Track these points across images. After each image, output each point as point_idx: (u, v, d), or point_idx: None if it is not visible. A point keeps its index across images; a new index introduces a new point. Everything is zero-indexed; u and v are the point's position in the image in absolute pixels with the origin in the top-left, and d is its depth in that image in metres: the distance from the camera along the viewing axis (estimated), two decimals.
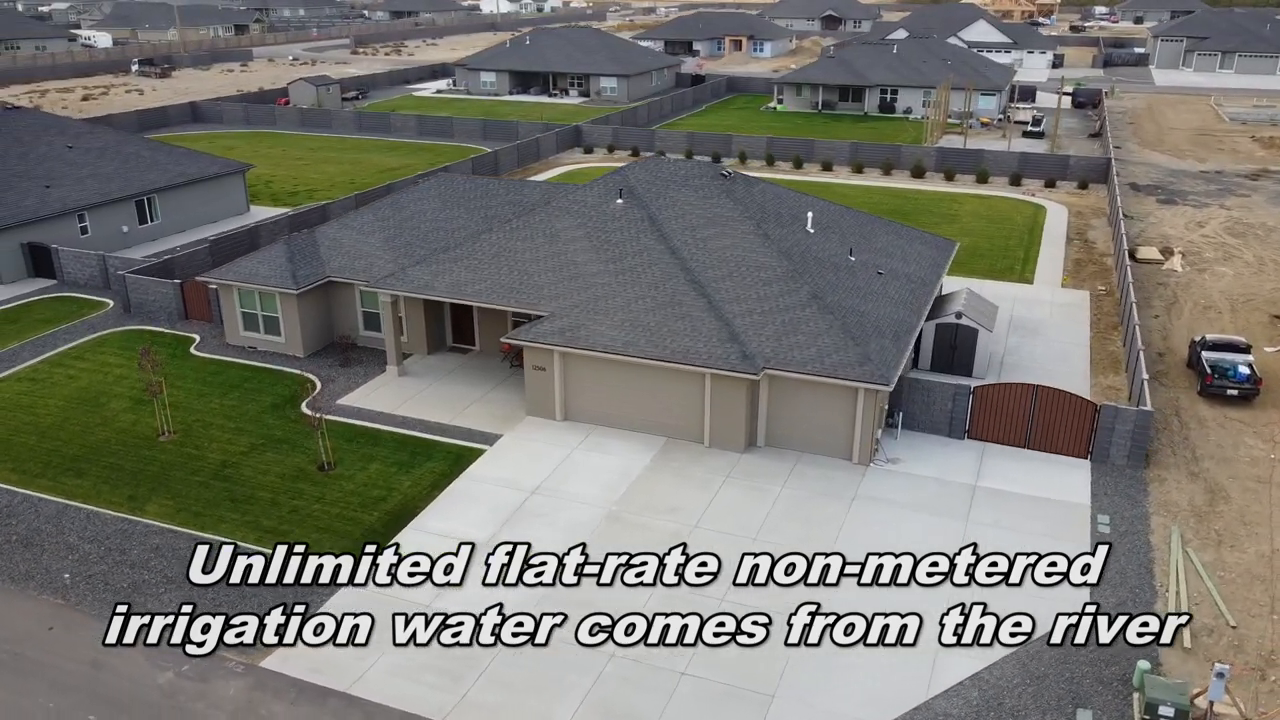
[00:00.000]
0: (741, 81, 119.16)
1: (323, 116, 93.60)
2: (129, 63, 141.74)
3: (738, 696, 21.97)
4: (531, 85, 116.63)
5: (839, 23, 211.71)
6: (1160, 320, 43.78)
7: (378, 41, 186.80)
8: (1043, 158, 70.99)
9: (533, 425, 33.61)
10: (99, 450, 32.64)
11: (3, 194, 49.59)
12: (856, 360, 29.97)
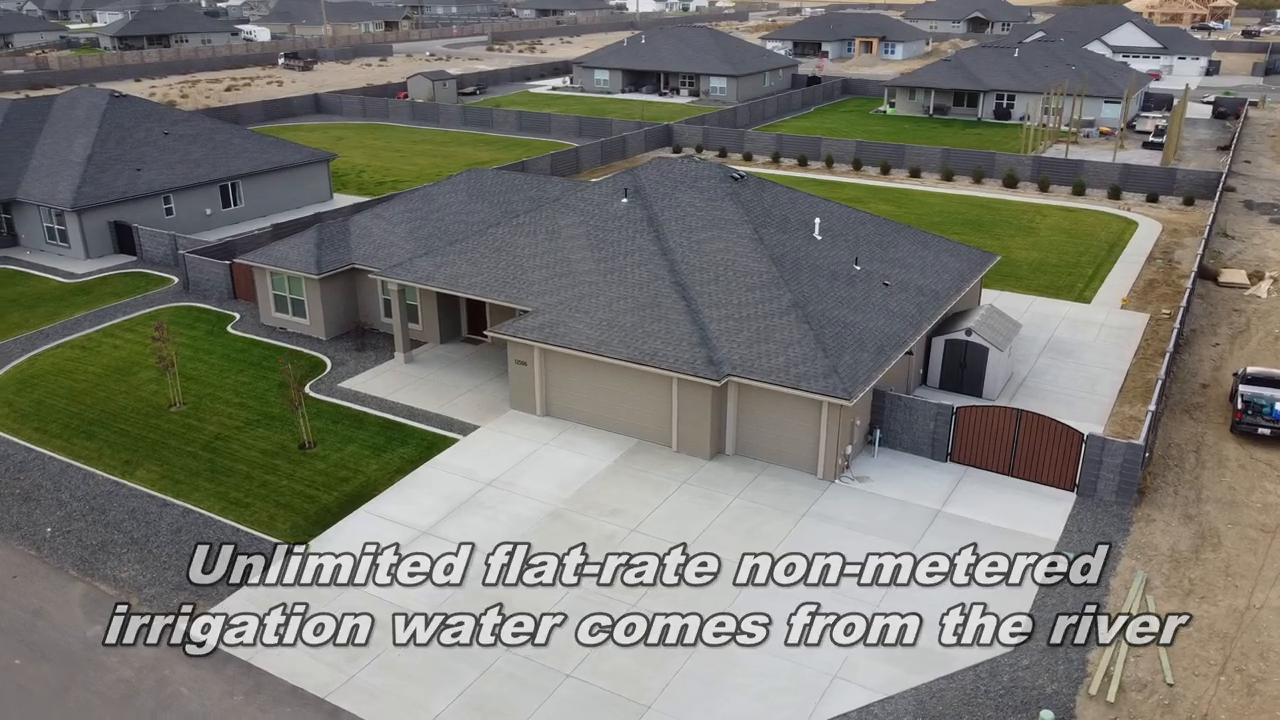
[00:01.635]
0: (858, 84, 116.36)
1: (431, 110, 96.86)
2: (277, 56, 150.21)
3: (613, 704, 21.68)
4: (643, 84, 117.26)
5: (986, 25, 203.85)
6: (1219, 349, 40.41)
7: (514, 39, 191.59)
8: (1146, 170, 66.48)
9: (512, 419, 33.97)
10: (115, 416, 34.93)
11: (98, 175, 53.54)
12: (822, 372, 28.98)
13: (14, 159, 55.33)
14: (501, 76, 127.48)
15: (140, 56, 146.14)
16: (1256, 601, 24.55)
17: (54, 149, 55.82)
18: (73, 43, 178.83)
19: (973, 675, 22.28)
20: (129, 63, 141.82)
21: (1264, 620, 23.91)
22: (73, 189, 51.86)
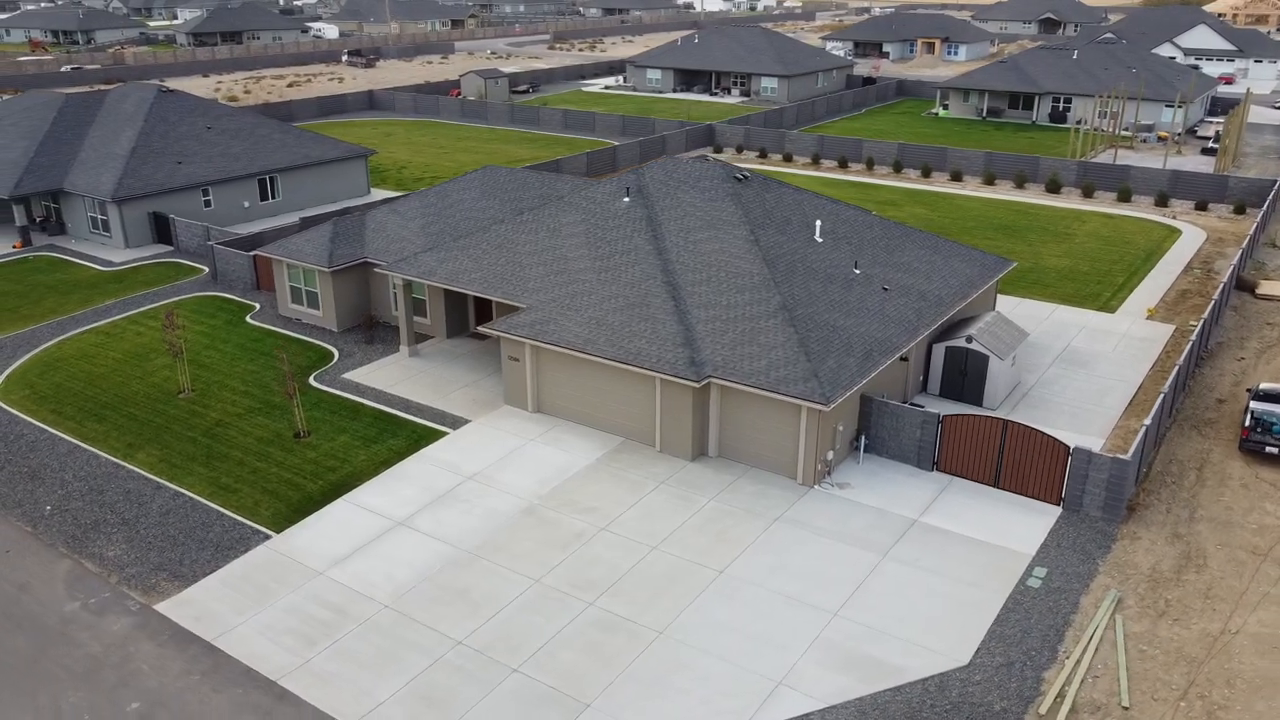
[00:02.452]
0: (913, 85, 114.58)
1: (480, 108, 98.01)
2: (341, 53, 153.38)
3: (554, 701, 21.77)
4: (695, 83, 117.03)
5: (1058, 26, 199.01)
6: (1243, 364, 38.92)
7: (576, 37, 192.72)
8: (1197, 177, 64.25)
9: (503, 414, 34.28)
10: (126, 400, 36.12)
11: (139, 167, 55.37)
12: (802, 376, 28.68)
13: (64, 151, 57.49)
14: (556, 75, 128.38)
15: (211, 53, 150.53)
16: (1233, 626, 23.62)
17: (101, 142, 57.87)
18: (151, 39, 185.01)
19: (921, 689, 21.87)
20: (200, 59, 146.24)
21: (1236, 646, 23.01)
22: (114, 180, 53.72)
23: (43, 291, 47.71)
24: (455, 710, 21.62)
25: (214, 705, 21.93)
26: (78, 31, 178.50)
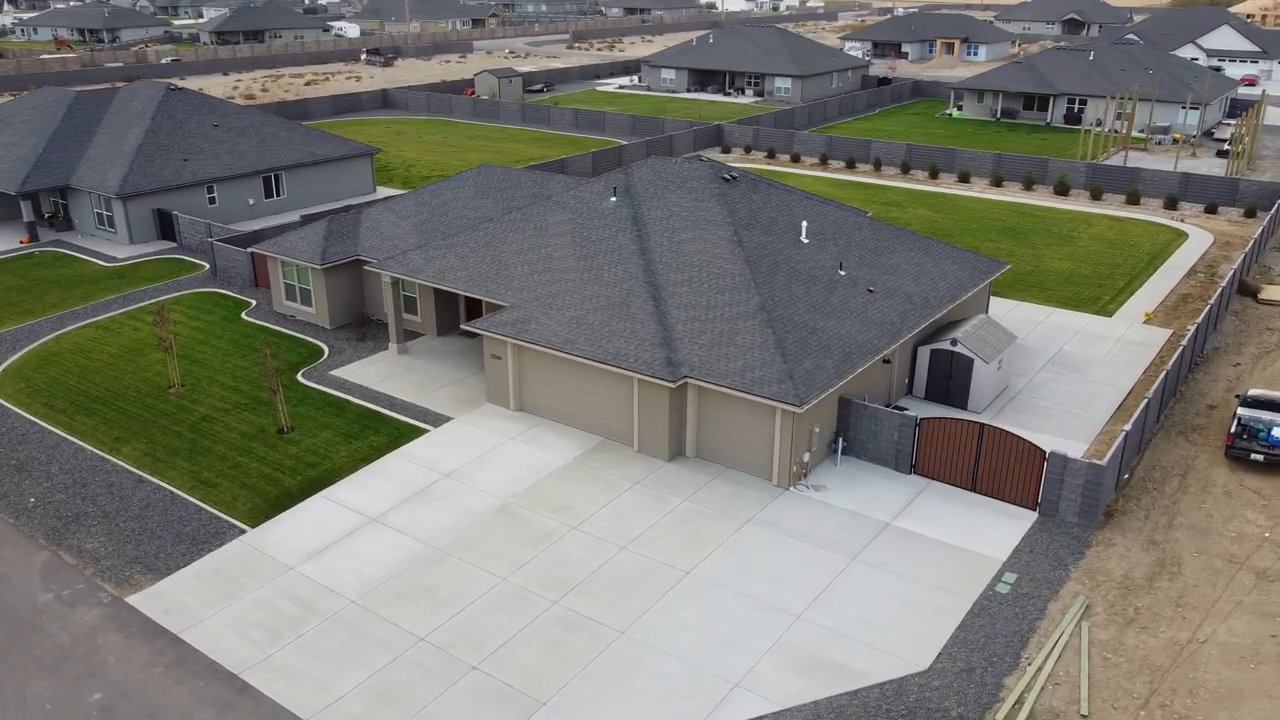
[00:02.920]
0: (929, 86, 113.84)
1: (492, 107, 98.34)
2: (360, 52, 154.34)
3: (510, 699, 21.82)
4: (709, 83, 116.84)
5: (1082, 27, 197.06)
6: (1239, 369, 38.39)
7: (595, 37, 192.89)
8: (1208, 180, 63.41)
9: (486, 412, 34.38)
10: (117, 395, 36.52)
11: (145, 164, 55.96)
12: (777, 377, 28.57)
13: (73, 148, 58.20)
14: (571, 74, 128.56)
15: (233, 51, 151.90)
16: (1201, 635, 23.31)
17: (110, 139, 58.55)
18: (175, 37, 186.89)
19: (878, 693, 21.73)
20: (222, 57, 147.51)
21: (1204, 655, 22.71)
22: (120, 177, 54.34)
23: (46, 286, 48.34)
24: (411, 706, 21.71)
25: (175, 697, 22.14)
26: (103, 30, 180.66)
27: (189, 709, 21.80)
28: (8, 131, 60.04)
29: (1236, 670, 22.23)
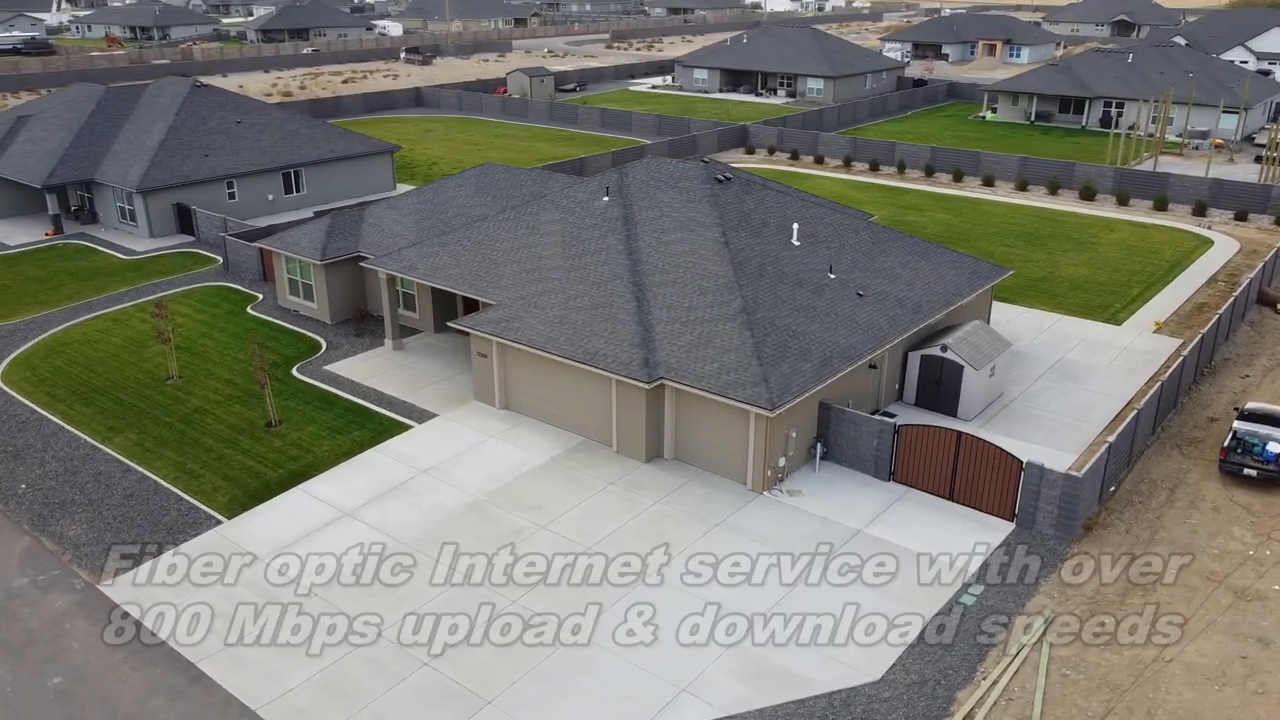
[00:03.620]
0: (965, 88, 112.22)
1: (521, 106, 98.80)
2: (399, 50, 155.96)
3: (456, 696, 21.86)
4: (742, 84, 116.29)
5: (1133, 29, 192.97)
6: (1246, 381, 37.30)
7: (635, 36, 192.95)
8: (1239, 186, 61.74)
9: (471, 410, 34.50)
10: (117, 386, 37.23)
11: (167, 159, 57.02)
12: (751, 381, 28.30)
13: (99, 143, 59.48)
14: (605, 74, 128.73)
15: (276, 49, 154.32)
16: (1167, 655, 22.66)
17: (135, 134, 59.73)
18: (223, 35, 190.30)
19: (825, 703, 21.43)
20: (265, 55, 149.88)
21: (1167, 675, 22.07)
22: (141, 172, 55.42)
23: (64, 278, 49.45)
24: (359, 700, 21.85)
25: (130, 684, 22.50)
26: (154, 28, 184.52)
27: (142, 695, 22.15)
28: (39, 126, 61.57)
29: (1199, 692, 21.57)
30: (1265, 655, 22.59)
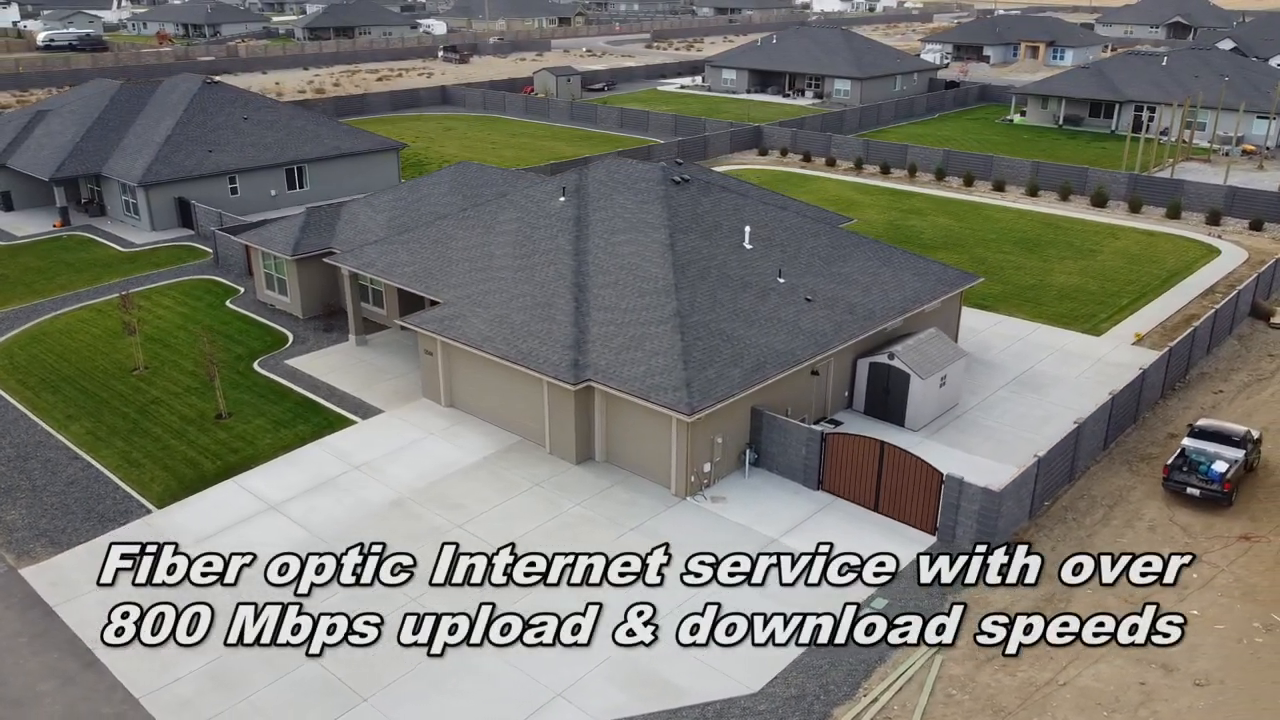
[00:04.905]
0: (998, 90, 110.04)
1: (543, 105, 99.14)
2: (438, 49, 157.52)
3: (335, 692, 21.98)
4: (770, 85, 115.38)
5: (1188, 31, 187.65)
6: (1219, 397, 36.03)
7: (676, 36, 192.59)
8: (1255, 194, 59.67)
9: (417, 407, 34.69)
10: (85, 374, 38.10)
11: (171, 154, 58.24)
12: (673, 385, 28.03)
13: (110, 138, 60.97)
14: (636, 73, 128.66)
15: (319, 47, 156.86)
16: (1063, 678, 21.95)
17: (144, 130, 61.12)
18: (272, 33, 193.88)
19: (698, 713, 21.13)
20: (308, 52, 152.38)
21: (1057, 699, 21.38)
22: (144, 166, 56.67)
23: (61, 268, 50.77)
24: (240, 692, 22.07)
25: (26, 668, 22.99)
26: (205, 25, 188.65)
27: (34, 679, 22.61)
28: (55, 121, 63.29)
29: (1087, 717, 20.86)
30: (1165, 683, 21.78)
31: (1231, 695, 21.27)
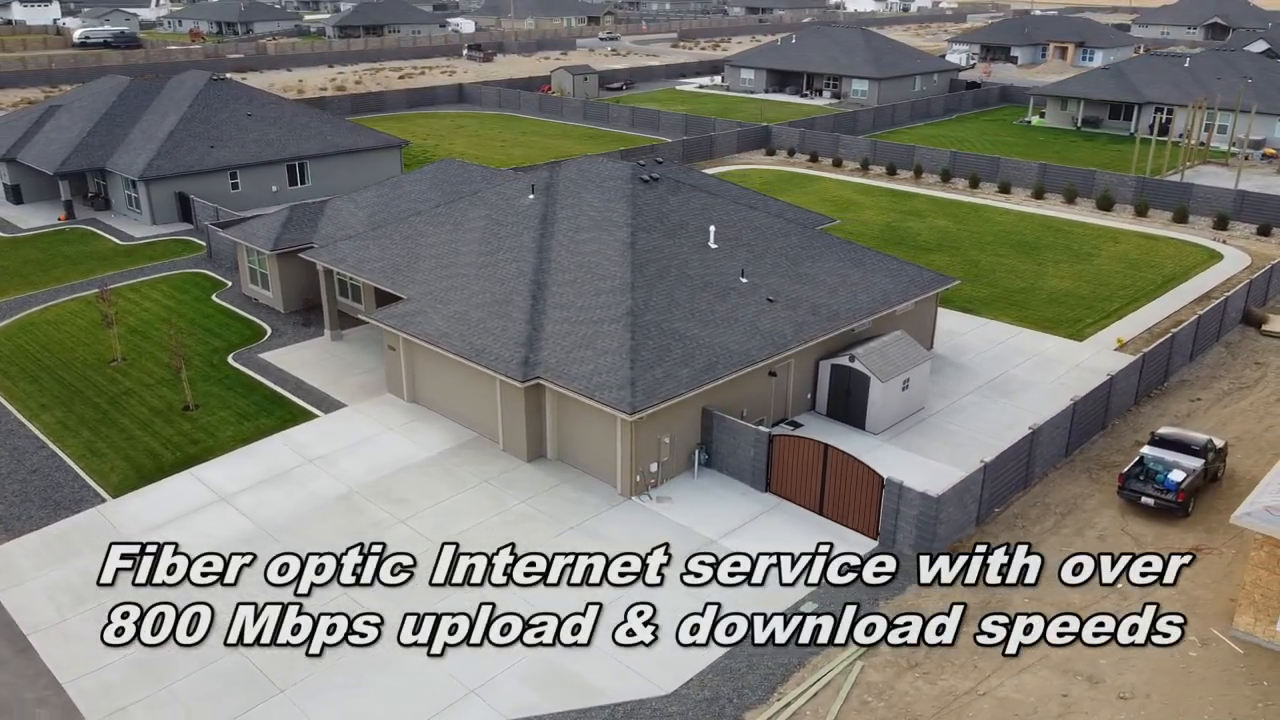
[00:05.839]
0: (1018, 92, 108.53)
1: (557, 104, 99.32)
2: (462, 47, 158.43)
3: (253, 683, 22.13)
4: (788, 84, 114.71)
5: (1226, 32, 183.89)
6: (1196, 405, 35.23)
7: (703, 35, 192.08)
8: (1265, 198, 58.29)
9: (380, 402, 34.87)
10: (65, 365, 38.72)
11: (173, 150, 59.07)
12: (618, 384, 27.92)
13: (116, 132, 61.94)
14: (656, 73, 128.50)
15: (347, 45, 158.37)
16: (984, 688, 21.56)
17: (150, 125, 62.04)
18: (304, 31, 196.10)
19: (608, 713, 21.03)
20: (335, 50, 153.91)
21: (974, 709, 21.00)
22: (145, 161, 57.52)
23: (59, 261, 51.67)
24: (164, 680, 22.30)
25: None
26: (238, 23, 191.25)
27: None
28: (65, 116, 64.43)
29: None
30: (1089, 695, 21.32)
31: (1155, 710, 20.79)
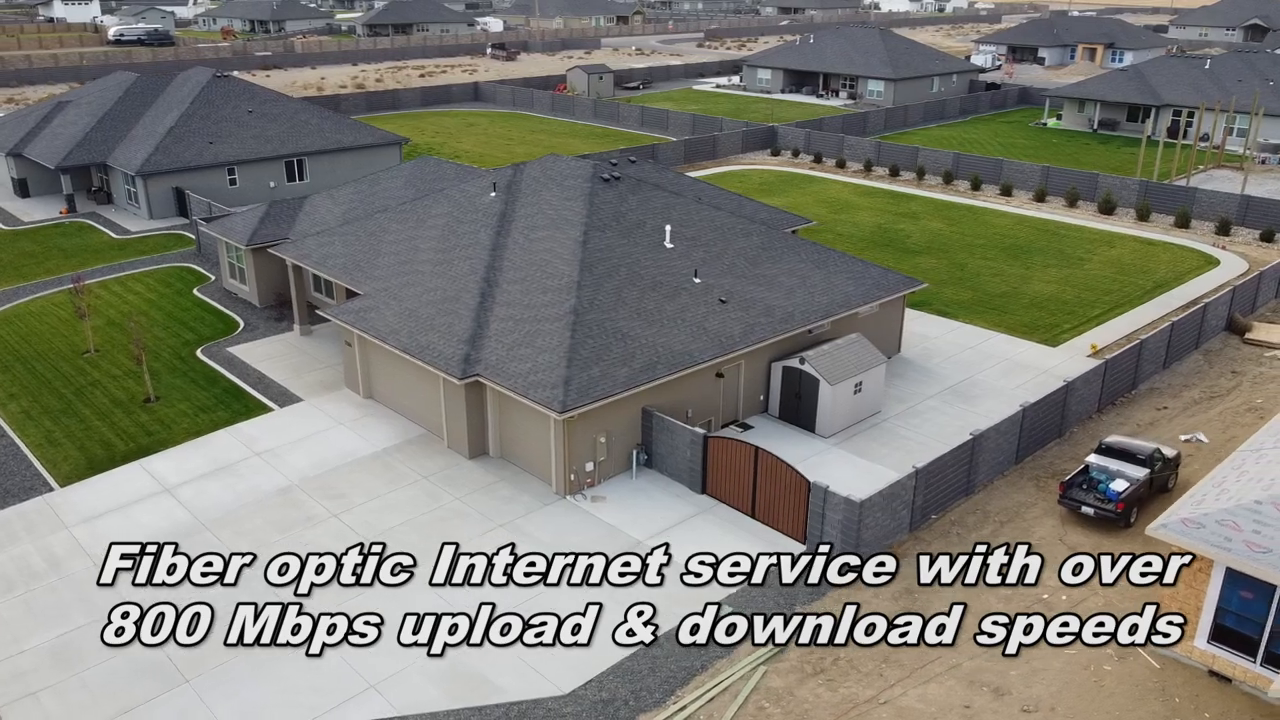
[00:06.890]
0: (1037, 93, 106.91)
1: (568, 103, 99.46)
2: (485, 46, 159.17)
3: (161, 672, 22.33)
4: (805, 84, 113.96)
5: (1265, 33, 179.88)
6: (1161, 414, 34.45)
7: (729, 35, 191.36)
8: (1269, 204, 56.89)
9: (336, 397, 35.09)
10: (40, 356, 39.42)
11: (172, 145, 59.93)
12: (551, 382, 27.86)
13: (119, 128, 63.00)
14: (674, 72, 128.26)
15: (374, 43, 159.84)
16: (885, 697, 21.21)
17: (152, 121, 63.01)
18: (334, 29, 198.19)
19: (503, 712, 20.97)
20: (362, 48, 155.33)
21: (872, 717, 20.67)
22: (144, 156, 58.41)
23: (53, 253, 52.62)
24: (74, 668, 22.58)
25: None
26: (270, 21, 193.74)
27: None
28: (72, 111, 65.65)
29: None
30: (992, 706, 20.90)
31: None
